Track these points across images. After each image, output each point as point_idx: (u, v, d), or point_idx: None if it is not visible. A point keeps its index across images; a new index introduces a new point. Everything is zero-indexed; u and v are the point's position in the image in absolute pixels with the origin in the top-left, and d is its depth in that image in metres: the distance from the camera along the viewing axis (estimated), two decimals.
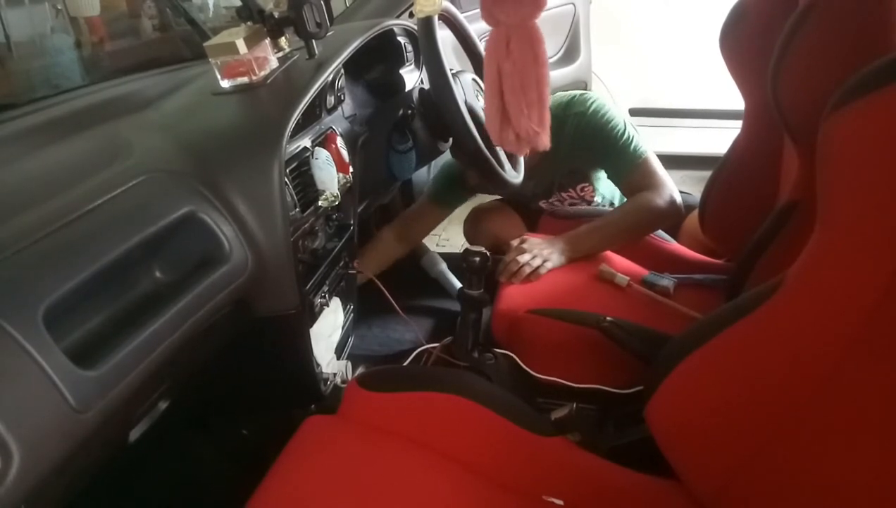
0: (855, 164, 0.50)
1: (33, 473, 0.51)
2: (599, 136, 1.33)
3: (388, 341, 1.63)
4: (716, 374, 0.64)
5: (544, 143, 0.93)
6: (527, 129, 0.89)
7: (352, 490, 0.74)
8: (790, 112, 0.84)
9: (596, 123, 1.33)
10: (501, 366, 1.12)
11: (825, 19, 0.76)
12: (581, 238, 1.27)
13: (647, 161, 1.30)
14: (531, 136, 0.90)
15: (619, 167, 1.33)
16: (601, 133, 1.33)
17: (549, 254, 1.24)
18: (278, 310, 0.90)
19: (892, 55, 0.48)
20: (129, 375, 0.60)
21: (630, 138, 1.31)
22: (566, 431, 0.81)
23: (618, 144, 1.31)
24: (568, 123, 1.36)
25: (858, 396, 0.51)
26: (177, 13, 1.70)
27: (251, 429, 1.18)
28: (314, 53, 1.00)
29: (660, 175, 1.29)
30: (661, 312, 1.12)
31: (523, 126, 0.89)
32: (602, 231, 1.28)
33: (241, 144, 0.86)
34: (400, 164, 1.33)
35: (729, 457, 0.62)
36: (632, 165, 1.30)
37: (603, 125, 1.32)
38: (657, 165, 1.30)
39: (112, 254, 0.63)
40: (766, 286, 0.60)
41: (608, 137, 1.32)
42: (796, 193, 0.90)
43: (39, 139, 0.93)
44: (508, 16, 0.82)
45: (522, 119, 0.89)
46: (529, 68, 0.85)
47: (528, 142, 0.92)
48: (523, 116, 0.88)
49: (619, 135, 1.31)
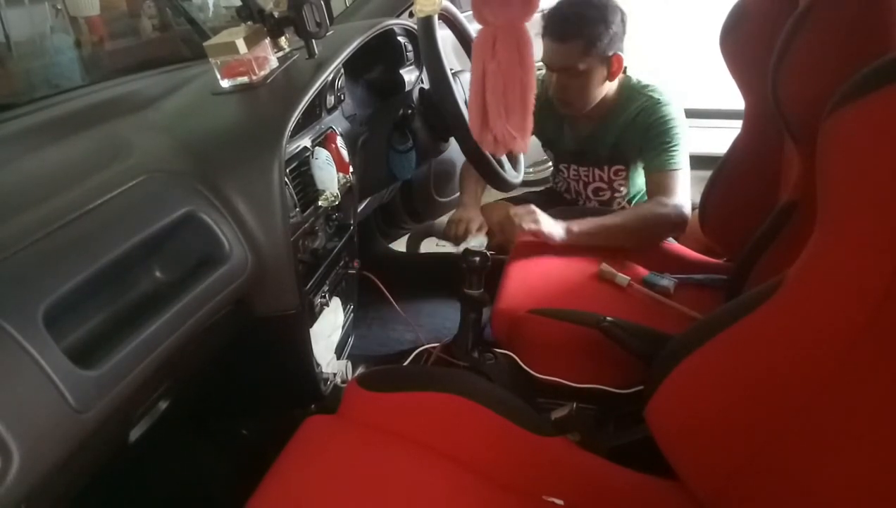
0: (855, 164, 0.50)
1: (33, 473, 0.51)
2: (656, 128, 1.37)
3: (388, 341, 1.63)
4: (716, 374, 0.64)
5: (521, 147, 0.92)
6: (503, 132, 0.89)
7: (352, 490, 0.74)
8: (790, 112, 0.84)
9: (661, 114, 1.37)
10: (501, 366, 1.12)
11: (825, 19, 0.76)
12: (585, 229, 1.29)
13: (679, 173, 1.34)
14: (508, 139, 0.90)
15: (655, 164, 1.37)
16: (659, 126, 1.36)
17: (552, 223, 1.27)
18: (278, 310, 0.90)
19: (892, 55, 0.48)
20: (129, 375, 0.60)
21: (678, 146, 1.35)
22: (566, 431, 0.81)
23: (666, 144, 1.35)
24: (638, 101, 1.40)
25: (859, 395, 0.51)
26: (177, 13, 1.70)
27: (251, 429, 1.18)
28: (314, 53, 1.00)
29: (682, 189, 1.33)
30: (662, 312, 1.12)
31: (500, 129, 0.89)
32: (609, 228, 1.30)
33: (241, 143, 0.86)
34: (400, 164, 1.33)
35: (729, 457, 0.62)
36: (665, 168, 1.34)
37: (665, 121, 1.36)
38: (685, 180, 1.35)
39: (112, 254, 0.63)
40: (766, 286, 0.60)
41: (663, 132, 1.36)
42: (796, 193, 0.90)
43: (39, 139, 0.93)
44: (496, 16, 0.81)
45: (499, 122, 0.88)
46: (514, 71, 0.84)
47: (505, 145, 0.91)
48: (500, 119, 0.88)
49: (672, 137, 1.35)
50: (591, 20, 1.30)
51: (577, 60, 1.33)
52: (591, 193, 1.62)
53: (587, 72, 1.35)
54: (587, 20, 1.30)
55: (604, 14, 1.31)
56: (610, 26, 1.31)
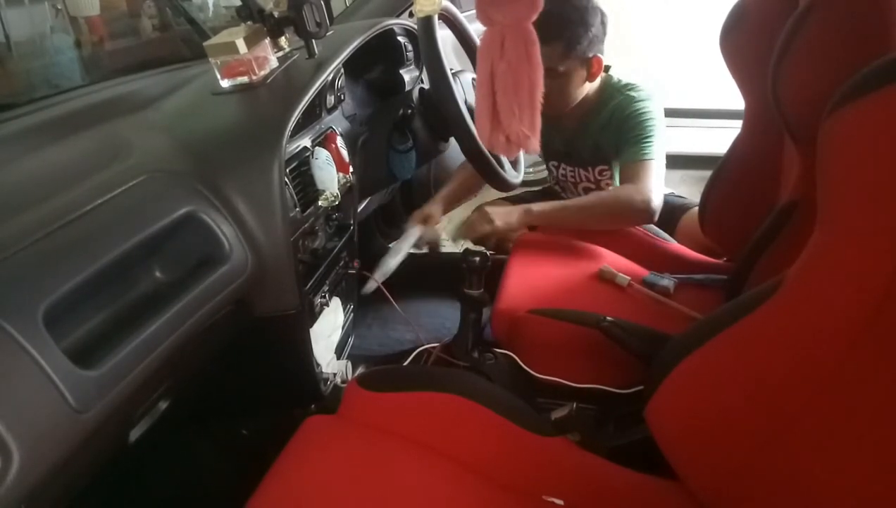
0: (855, 164, 0.50)
1: (33, 473, 0.51)
2: (629, 121, 1.37)
3: (388, 341, 1.63)
4: (716, 374, 0.64)
5: (534, 147, 0.92)
6: (517, 131, 0.89)
7: (352, 490, 0.74)
8: (790, 112, 0.84)
9: (635, 110, 1.37)
10: (501, 366, 1.12)
11: (825, 19, 0.76)
12: (545, 209, 1.31)
13: (650, 162, 1.33)
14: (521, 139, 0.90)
15: (626, 155, 1.37)
16: (633, 120, 1.37)
17: (505, 216, 1.30)
18: (278, 310, 0.90)
19: (892, 55, 0.48)
20: (129, 375, 0.60)
21: (651, 139, 1.35)
22: (566, 431, 0.81)
23: (638, 136, 1.35)
24: (616, 99, 1.41)
25: (859, 396, 0.51)
26: (177, 13, 1.70)
27: (251, 429, 1.18)
28: (314, 53, 1.00)
29: (651, 179, 1.32)
30: (662, 312, 1.12)
31: (514, 129, 0.89)
32: (569, 209, 1.32)
33: (241, 143, 0.86)
34: (400, 164, 1.33)
35: (729, 457, 0.62)
36: (636, 158, 1.34)
37: (639, 114, 1.37)
38: (657, 171, 1.34)
39: (112, 254, 0.63)
40: (766, 286, 0.60)
41: (635, 125, 1.36)
42: (796, 193, 0.90)
43: (39, 139, 0.93)
44: (504, 16, 0.82)
45: (514, 121, 0.88)
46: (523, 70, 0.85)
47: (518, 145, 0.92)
48: (514, 119, 0.88)
49: (644, 129, 1.35)
50: (570, 22, 1.30)
51: (557, 63, 1.33)
52: (581, 191, 1.62)
53: (566, 73, 1.35)
54: (567, 22, 1.30)
55: (583, 16, 1.31)
56: (590, 28, 1.32)
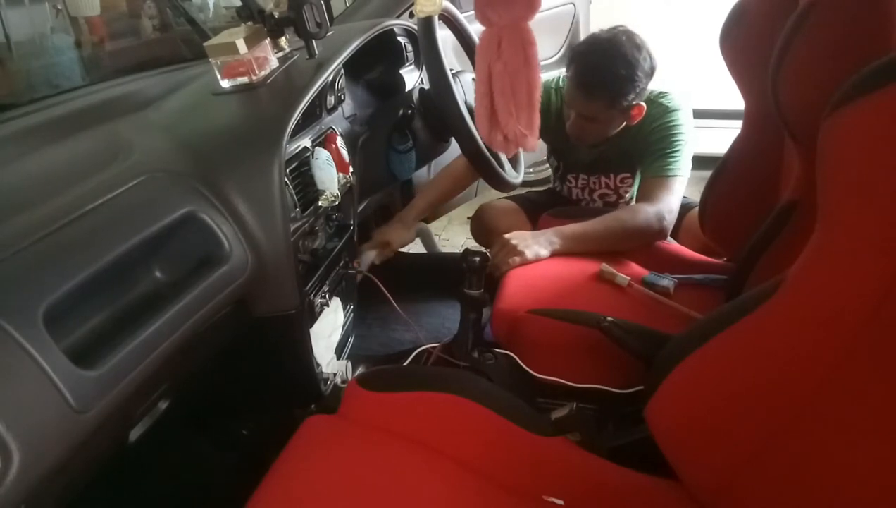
0: (855, 164, 0.50)
1: (33, 473, 0.51)
2: (660, 133, 1.36)
3: (388, 341, 1.63)
4: (716, 374, 0.64)
5: (532, 145, 0.93)
6: (514, 130, 0.90)
7: (352, 490, 0.74)
8: (790, 112, 0.84)
9: (668, 122, 1.36)
10: (501, 366, 1.12)
11: (825, 19, 0.76)
12: (567, 237, 1.30)
13: (673, 180, 1.33)
14: (519, 137, 0.91)
15: (651, 169, 1.36)
16: (663, 132, 1.36)
17: (534, 245, 1.27)
18: (278, 310, 0.90)
19: (892, 55, 0.48)
20: (129, 375, 0.60)
21: (677, 154, 1.34)
22: (566, 431, 0.81)
23: (664, 150, 1.34)
24: (651, 108, 1.39)
25: (858, 396, 0.51)
26: (177, 13, 1.70)
27: (251, 429, 1.18)
28: (314, 53, 1.00)
29: (672, 197, 1.32)
30: (662, 312, 1.12)
31: (511, 128, 0.89)
32: (590, 235, 1.31)
33: (242, 144, 0.86)
34: (400, 164, 1.33)
35: (729, 457, 0.62)
36: (659, 174, 1.34)
37: (671, 128, 1.36)
38: (678, 190, 1.33)
39: (112, 254, 0.63)
40: (766, 286, 0.60)
41: (663, 138, 1.35)
42: (796, 193, 0.90)
43: (39, 139, 0.93)
44: (500, 16, 0.82)
45: (511, 121, 0.89)
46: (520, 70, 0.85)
47: (516, 143, 0.92)
48: (512, 118, 0.89)
49: (672, 143, 1.34)
50: (619, 79, 1.27)
51: (597, 113, 1.33)
52: (596, 197, 1.62)
53: (606, 119, 1.36)
54: (616, 79, 1.27)
55: (632, 73, 1.27)
56: (637, 85, 1.29)
